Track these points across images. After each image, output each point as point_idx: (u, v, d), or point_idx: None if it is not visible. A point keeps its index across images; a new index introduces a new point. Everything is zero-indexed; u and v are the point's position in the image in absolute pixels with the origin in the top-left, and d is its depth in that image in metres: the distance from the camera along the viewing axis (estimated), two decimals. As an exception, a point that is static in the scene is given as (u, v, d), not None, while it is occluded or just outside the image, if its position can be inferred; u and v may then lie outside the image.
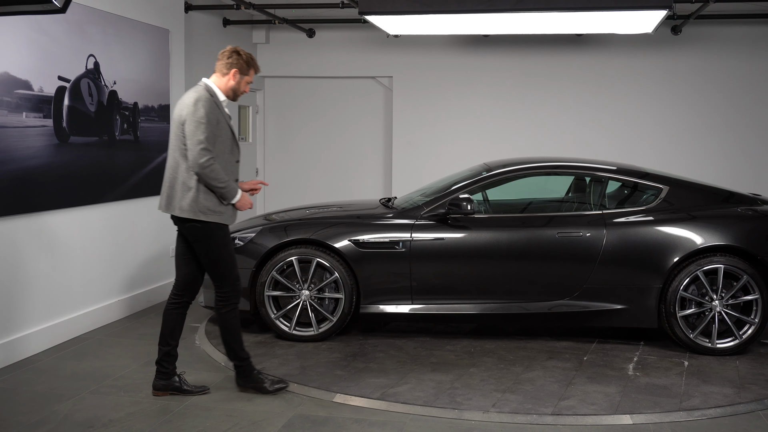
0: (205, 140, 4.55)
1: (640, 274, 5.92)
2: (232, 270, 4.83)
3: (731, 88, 9.22)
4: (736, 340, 5.85)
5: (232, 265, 4.84)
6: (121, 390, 5.01)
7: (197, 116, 4.57)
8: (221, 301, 4.86)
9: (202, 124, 4.56)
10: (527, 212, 6.64)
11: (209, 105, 4.62)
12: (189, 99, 4.66)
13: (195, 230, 4.72)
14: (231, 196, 4.70)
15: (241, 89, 4.85)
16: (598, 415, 4.66)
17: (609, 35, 9.25)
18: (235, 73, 4.79)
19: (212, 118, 4.61)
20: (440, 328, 6.57)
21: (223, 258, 4.80)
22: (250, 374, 4.98)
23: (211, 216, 4.68)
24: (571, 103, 9.50)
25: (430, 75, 9.76)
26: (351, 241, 6.06)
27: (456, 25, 7.92)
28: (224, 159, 4.70)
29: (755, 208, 6.12)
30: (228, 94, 4.81)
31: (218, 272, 4.81)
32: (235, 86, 4.81)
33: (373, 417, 4.63)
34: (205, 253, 4.78)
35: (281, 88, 10.36)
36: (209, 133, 4.58)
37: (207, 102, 4.62)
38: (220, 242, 4.77)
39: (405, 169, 9.83)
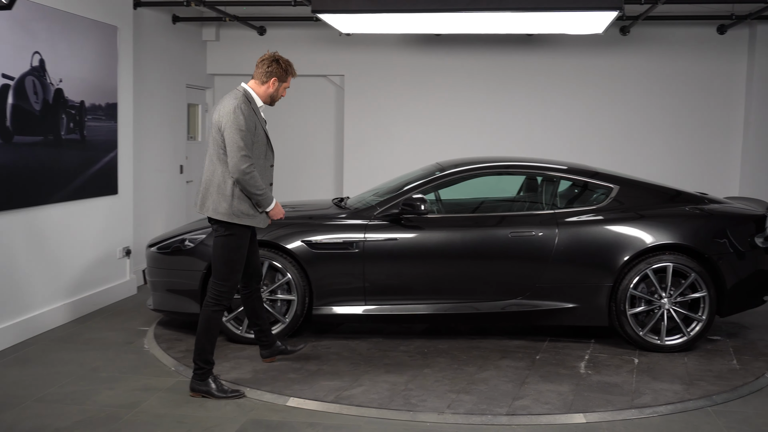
0: (245, 147, 4.72)
1: (592, 273, 5.97)
2: (236, 274, 4.93)
3: (677, 89, 9.37)
4: (685, 337, 5.95)
5: (237, 271, 4.94)
6: (67, 398, 4.88)
7: (237, 124, 4.71)
8: (213, 299, 4.91)
9: (242, 131, 4.71)
10: (480, 212, 6.65)
11: (248, 112, 4.78)
12: (228, 106, 4.79)
13: (221, 227, 4.87)
14: (266, 204, 4.89)
15: (279, 95, 5.03)
16: (552, 414, 4.69)
17: (559, 35, 9.32)
18: (275, 81, 4.97)
19: (250, 125, 4.77)
20: (393, 329, 6.55)
21: (234, 260, 4.90)
22: (206, 379, 4.91)
23: (244, 219, 4.85)
24: (522, 103, 9.56)
25: (383, 74, 9.73)
26: (304, 242, 6.00)
27: (408, 25, 7.90)
28: (260, 164, 4.87)
29: (702, 207, 6.22)
30: (266, 101, 4.99)
31: (224, 270, 4.89)
32: (273, 93, 4.99)
33: (328, 421, 4.59)
34: (221, 248, 4.89)
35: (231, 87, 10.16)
36: (248, 140, 4.75)
37: (246, 109, 4.77)
38: (237, 244, 4.89)
39: (356, 168, 9.78)
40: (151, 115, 8.52)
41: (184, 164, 9.40)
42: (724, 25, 9.07)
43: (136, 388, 5.07)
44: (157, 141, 8.65)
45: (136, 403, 4.80)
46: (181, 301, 6.13)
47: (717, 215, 6.15)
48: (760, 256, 6.11)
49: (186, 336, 6.26)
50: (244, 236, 4.93)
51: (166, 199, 8.93)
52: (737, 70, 9.27)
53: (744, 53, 9.23)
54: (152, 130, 8.54)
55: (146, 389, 5.06)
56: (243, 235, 4.92)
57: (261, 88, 4.98)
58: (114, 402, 4.81)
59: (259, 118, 4.88)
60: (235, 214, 4.81)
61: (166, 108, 8.87)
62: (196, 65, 9.71)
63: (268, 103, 5.01)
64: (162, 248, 6.29)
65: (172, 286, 6.19)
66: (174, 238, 6.29)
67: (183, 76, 9.32)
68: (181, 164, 9.31)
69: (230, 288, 4.92)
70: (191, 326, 6.50)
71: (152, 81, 8.52)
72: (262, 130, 4.90)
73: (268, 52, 5.10)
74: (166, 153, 8.91)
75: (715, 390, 5.13)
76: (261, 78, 4.98)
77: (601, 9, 6.73)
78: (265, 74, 4.97)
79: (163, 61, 8.77)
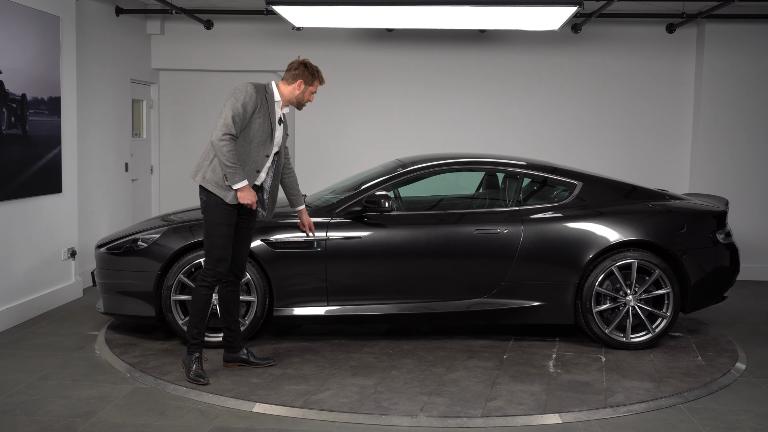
0: (231, 118, 4.86)
1: (557, 271, 5.91)
2: (216, 250, 5.02)
3: (628, 87, 9.42)
4: (650, 334, 5.93)
5: (217, 247, 5.02)
6: (17, 408, 4.57)
7: (235, 97, 4.91)
8: (201, 275, 5.09)
9: (235, 107, 4.88)
10: (441, 209, 6.53)
11: (253, 93, 4.93)
12: (238, 84, 5.01)
13: (202, 201, 5.07)
14: (234, 180, 4.90)
15: (305, 99, 5.19)
16: (527, 415, 4.59)
17: (512, 32, 9.28)
18: (300, 83, 5.11)
19: (248, 104, 4.90)
20: (355, 330, 6.38)
21: (212, 234, 5.03)
22: (191, 354, 5.06)
23: (215, 189, 4.95)
24: (476, 99, 9.48)
25: (334, 70, 9.52)
26: (264, 241, 5.78)
27: (361, 19, 7.75)
28: (250, 147, 4.99)
29: (665, 203, 6.21)
30: (291, 102, 5.17)
31: (206, 244, 5.08)
32: (299, 96, 5.15)
33: (297, 427, 4.40)
34: (204, 222, 5.08)
35: (177, 82, 9.89)
36: (238, 114, 4.87)
37: (252, 91, 4.94)
38: (216, 219, 5.00)
39: (309, 165, 9.56)
40: (95, 111, 8.16)
41: (129, 162, 9.05)
42: (673, 24, 9.14)
43: (90, 397, 4.79)
44: (101, 137, 8.30)
45: (92, 412, 4.53)
46: (135, 303, 5.85)
47: (679, 212, 6.15)
48: (720, 252, 6.13)
49: (139, 340, 5.98)
50: (225, 215, 5.00)
51: (110, 198, 8.57)
52: (686, 68, 9.36)
53: (692, 52, 9.33)
54: (96, 126, 8.19)
55: (101, 397, 4.78)
56: (222, 213, 5.00)
57: (287, 88, 5.13)
58: (68, 412, 4.52)
59: (268, 107, 5.02)
60: (209, 181, 4.95)
61: (109, 103, 8.51)
62: (140, 60, 9.36)
63: (294, 104, 5.18)
64: (112, 249, 5.99)
65: (124, 288, 5.90)
66: (125, 238, 6.00)
67: (127, 71, 8.97)
68: (126, 162, 8.95)
69: (214, 265, 5.02)
70: (144, 330, 6.24)
71: (95, 75, 8.17)
72: (267, 120, 5.01)
73: (299, 57, 5.22)
74: (111, 150, 8.55)
75: (685, 387, 5.10)
76: (289, 79, 5.14)
77: (562, 4, 6.70)
78: (292, 76, 5.13)
79: (106, 55, 8.42)
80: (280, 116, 5.14)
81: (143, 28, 9.43)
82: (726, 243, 6.15)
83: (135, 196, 9.35)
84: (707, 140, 9.15)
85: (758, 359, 5.84)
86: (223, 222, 5.01)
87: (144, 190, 9.69)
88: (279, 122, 5.13)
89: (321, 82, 5.20)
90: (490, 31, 9.25)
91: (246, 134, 4.97)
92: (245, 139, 4.97)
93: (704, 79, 9.11)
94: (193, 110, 9.90)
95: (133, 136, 9.26)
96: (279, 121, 5.12)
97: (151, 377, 5.14)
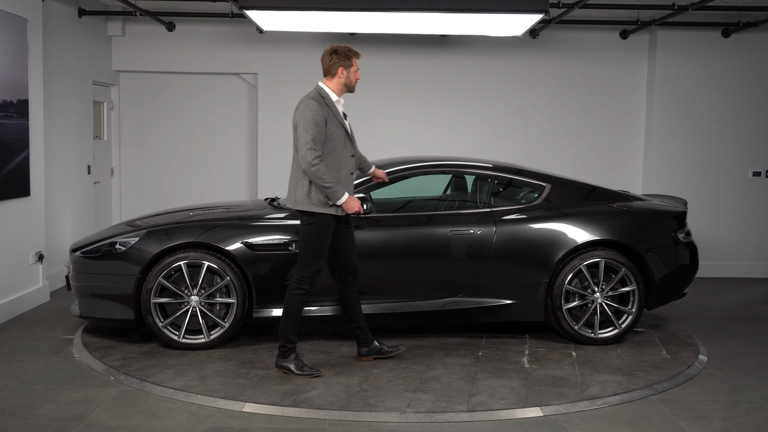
0: (311, 141, 5.03)
1: (529, 270, 6.11)
2: (317, 261, 5.23)
3: (584, 91, 9.71)
4: (616, 330, 6.18)
5: (319, 257, 5.23)
6: (5, 413, 4.57)
7: (304, 119, 5.06)
8: (295, 283, 5.26)
9: (308, 126, 5.04)
10: (412, 211, 6.67)
11: (316, 107, 5.08)
12: (299, 104, 5.17)
13: (304, 216, 5.22)
14: (335, 198, 5.11)
15: (353, 80, 5.32)
16: (510, 409, 4.76)
17: (472, 37, 9.48)
18: (342, 70, 5.27)
19: (319, 119, 5.07)
20: (331, 330, 6.48)
21: (313, 246, 5.21)
22: (288, 356, 5.29)
23: (322, 208, 5.15)
24: (437, 102, 9.65)
25: (297, 73, 9.61)
26: (243, 244, 5.85)
27: (327, 23, 7.83)
28: (337, 155, 5.18)
29: (629, 204, 6.47)
30: (344, 91, 5.32)
31: (306, 256, 5.23)
32: (346, 81, 5.30)
33: (290, 425, 4.49)
34: (303, 235, 5.25)
35: (138, 84, 9.84)
36: (315, 133, 5.04)
37: (314, 105, 5.09)
38: (321, 232, 5.20)
39: (272, 168, 9.61)
40: (59, 113, 8.09)
41: (92, 164, 8.98)
42: (626, 30, 9.47)
43: (78, 400, 4.81)
44: (64, 140, 8.22)
45: (83, 415, 4.55)
46: (113, 307, 5.86)
47: (643, 212, 6.41)
48: (681, 251, 6.41)
49: (118, 343, 5.99)
50: (326, 226, 5.20)
51: (74, 201, 8.50)
52: (639, 74, 9.70)
53: (645, 58, 9.67)
54: (60, 128, 8.12)
55: (89, 401, 4.80)
56: (324, 225, 5.19)
57: (332, 82, 5.29)
58: (58, 415, 4.54)
59: (333, 111, 5.18)
60: (313, 203, 5.14)
61: (72, 105, 8.44)
62: (101, 61, 9.29)
63: (346, 91, 5.33)
64: (89, 252, 5.98)
65: (102, 292, 5.90)
66: (102, 241, 5.99)
67: (89, 73, 8.90)
68: (89, 164, 8.89)
69: (311, 274, 5.23)
70: (121, 333, 6.25)
71: (59, 77, 8.10)
72: (337, 122, 5.19)
73: (325, 47, 5.35)
74: (74, 153, 8.48)
75: (654, 379, 5.35)
76: (330, 73, 5.29)
77: (528, 12, 6.89)
78: (330, 68, 5.28)
79: (69, 57, 8.35)
80: (343, 111, 5.30)
81: (104, 29, 9.36)
82: (686, 242, 6.44)
83: (98, 198, 9.28)
84: (659, 143, 9.50)
85: (718, 352, 6.14)
86: (326, 233, 5.23)
87: (105, 193, 9.62)
88: (345, 117, 5.30)
89: (357, 56, 5.32)
90: (450, 35, 9.44)
91: (328, 146, 5.14)
92: (329, 151, 5.15)
93: (656, 84, 9.45)
94: (154, 112, 9.87)
95: (94, 138, 9.19)
96: (344, 116, 5.30)
97: (137, 379, 5.17)
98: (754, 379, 5.47)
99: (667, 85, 9.45)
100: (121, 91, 9.83)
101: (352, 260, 5.50)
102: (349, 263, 5.49)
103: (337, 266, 5.52)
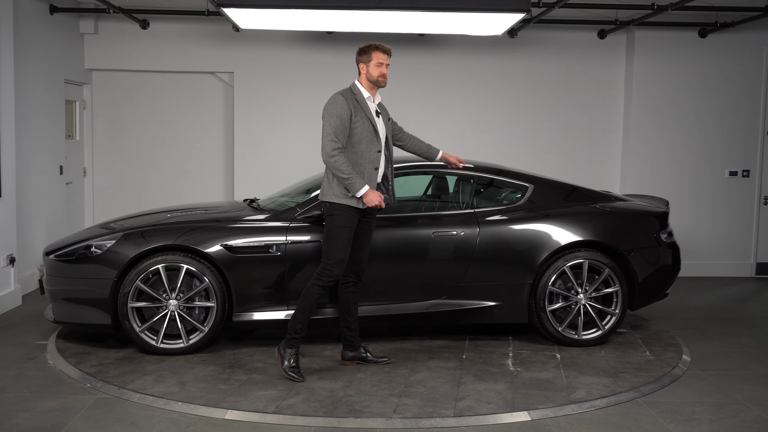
0: (333, 133, 5.12)
1: (513, 271, 6.06)
2: (337, 252, 5.20)
3: (562, 91, 9.68)
4: (600, 331, 6.14)
5: (338, 249, 5.20)
6: (-21, 422, 4.42)
7: (329, 112, 5.18)
8: (317, 274, 5.24)
9: (332, 118, 5.14)
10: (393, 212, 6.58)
11: (343, 102, 5.18)
12: (328, 99, 5.26)
13: (326, 208, 5.30)
14: (354, 189, 5.13)
15: (374, 74, 5.31)
16: (497, 413, 4.70)
17: (450, 36, 9.42)
18: (362, 66, 5.35)
19: (343, 113, 5.16)
20: (311, 333, 6.34)
21: (333, 237, 5.21)
22: (290, 348, 5.24)
23: (342, 199, 5.19)
24: (414, 101, 9.58)
25: (274, 72, 9.49)
26: (223, 246, 5.73)
27: (304, 21, 7.72)
28: (361, 148, 5.21)
29: (612, 204, 6.44)
30: (373, 88, 5.36)
31: (326, 247, 5.25)
32: (368, 76, 5.33)
33: (275, 432, 4.39)
34: (326, 227, 5.27)
35: (111, 83, 9.64)
36: (337, 126, 5.13)
37: (341, 100, 5.19)
38: (339, 222, 5.21)
39: (248, 168, 9.48)
40: (31, 112, 7.90)
41: (64, 165, 8.79)
42: (604, 30, 9.46)
43: (54, 409, 4.66)
44: (36, 140, 8.03)
45: (59, 425, 4.41)
46: (89, 311, 5.71)
47: (626, 213, 6.39)
48: (663, 251, 6.40)
49: (94, 349, 5.84)
50: (348, 218, 5.21)
51: (46, 202, 8.31)
52: (617, 73, 9.70)
53: (622, 57, 9.68)
54: (31, 127, 7.92)
55: (65, 409, 4.66)
56: (346, 216, 5.21)
57: (361, 79, 5.37)
58: (34, 425, 4.40)
59: (362, 107, 5.24)
60: (336, 194, 5.19)
61: (44, 104, 8.25)
62: (73, 60, 9.10)
63: (375, 86, 5.34)
64: (64, 256, 5.83)
65: (77, 296, 5.75)
66: (77, 244, 5.84)
67: (61, 71, 8.71)
68: (61, 165, 8.70)
69: (332, 266, 5.19)
70: (97, 338, 6.11)
71: (31, 75, 7.90)
72: (365, 118, 5.23)
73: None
74: (46, 153, 8.29)
75: (640, 381, 5.32)
76: (359, 71, 5.39)
77: (510, 11, 6.85)
78: (358, 66, 5.37)
79: (41, 55, 8.16)
80: (375, 109, 5.32)
81: (77, 27, 9.17)
82: (668, 242, 6.42)
83: (70, 199, 9.09)
84: (637, 142, 9.51)
85: (700, 352, 6.13)
86: (346, 225, 5.21)
87: (77, 194, 9.42)
88: (377, 115, 5.32)
89: (379, 48, 5.31)
90: (429, 35, 9.37)
91: (352, 140, 5.20)
92: (353, 145, 5.20)
93: (634, 84, 9.46)
94: (127, 111, 9.69)
95: (66, 138, 8.99)
96: (377, 114, 5.32)
97: (114, 386, 5.03)
98: (739, 380, 5.46)
99: (645, 84, 9.46)
100: (93, 89, 9.64)
101: (361, 259, 5.45)
102: (357, 262, 5.43)
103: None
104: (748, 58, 9.45)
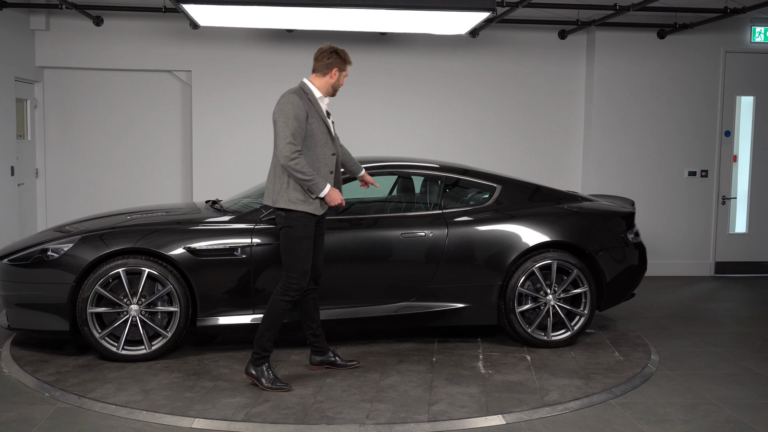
0: (291, 135, 4.88)
1: (482, 273, 5.99)
2: (301, 264, 5.01)
3: (523, 91, 9.67)
4: (569, 332, 6.11)
5: (302, 260, 5.01)
6: (-69, 437, 4.19)
7: (284, 113, 4.92)
8: (281, 289, 5.03)
9: (288, 120, 4.89)
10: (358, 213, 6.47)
11: (298, 102, 4.94)
12: (280, 99, 5.02)
13: (281, 218, 5.03)
14: (317, 189, 4.95)
15: (339, 84, 5.20)
16: (472, 417, 4.62)
17: (412, 35, 9.35)
18: (335, 71, 5.16)
19: (300, 114, 4.92)
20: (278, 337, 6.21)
21: (295, 249, 5.00)
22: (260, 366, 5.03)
23: (299, 205, 4.96)
24: (376, 101, 9.48)
25: (233, 70, 9.30)
26: (186, 249, 5.56)
27: (263, 19, 7.56)
28: (317, 152, 5.02)
29: (579, 205, 6.42)
30: (328, 92, 5.19)
31: (289, 260, 5.02)
32: (335, 83, 5.18)
33: (245, 441, 4.25)
34: (284, 238, 5.03)
35: (64, 81, 9.35)
36: (295, 128, 4.90)
37: (296, 100, 4.95)
38: (300, 233, 5.00)
39: (207, 168, 9.28)
40: (-20, 111, 7.62)
41: (15, 165, 8.49)
42: (564, 30, 9.48)
43: (10, 420, 4.46)
44: (-14, 139, 7.75)
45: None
46: (46, 317, 5.50)
47: (593, 213, 6.37)
48: (630, 252, 6.39)
49: (52, 356, 5.62)
50: (306, 226, 5.02)
51: (-4, 204, 8.02)
52: (577, 74, 9.72)
53: (582, 58, 9.70)
54: (-19, 127, 7.64)
55: (23, 420, 4.46)
56: (304, 225, 5.01)
57: (321, 80, 5.16)
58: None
59: (316, 108, 5.04)
60: (291, 200, 4.96)
61: (-6, 103, 7.97)
62: (24, 57, 8.80)
63: (330, 94, 5.20)
64: (18, 260, 5.60)
65: (33, 301, 5.52)
66: (32, 248, 5.62)
67: (11, 69, 8.41)
68: (12, 165, 8.40)
69: (298, 279, 5.00)
70: (54, 345, 5.89)
71: (-20, 72, 7.63)
72: (320, 119, 5.05)
73: (325, 44, 5.21)
74: (-4, 153, 8.01)
75: (611, 383, 5.29)
76: (322, 70, 5.15)
77: (475, 10, 6.79)
78: (325, 66, 5.14)
79: (-10, 51, 7.88)
80: (326, 109, 5.18)
81: (27, 23, 8.87)
82: (635, 242, 6.43)
83: (22, 201, 8.79)
84: (597, 142, 9.54)
85: (668, 352, 6.14)
86: (306, 234, 5.03)
87: (29, 195, 9.12)
88: (328, 115, 5.17)
89: (350, 63, 5.24)
90: (390, 33, 9.28)
91: (308, 142, 5.00)
92: (309, 147, 5.00)
93: (594, 84, 9.49)
94: (81, 111, 9.41)
95: (17, 137, 8.70)
96: (327, 115, 5.17)
97: (74, 396, 4.83)
98: (708, 380, 5.47)
99: (605, 85, 9.50)
100: (45, 88, 9.34)
101: (319, 265, 5.30)
102: (316, 267, 5.27)
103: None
104: (706, 59, 9.55)
